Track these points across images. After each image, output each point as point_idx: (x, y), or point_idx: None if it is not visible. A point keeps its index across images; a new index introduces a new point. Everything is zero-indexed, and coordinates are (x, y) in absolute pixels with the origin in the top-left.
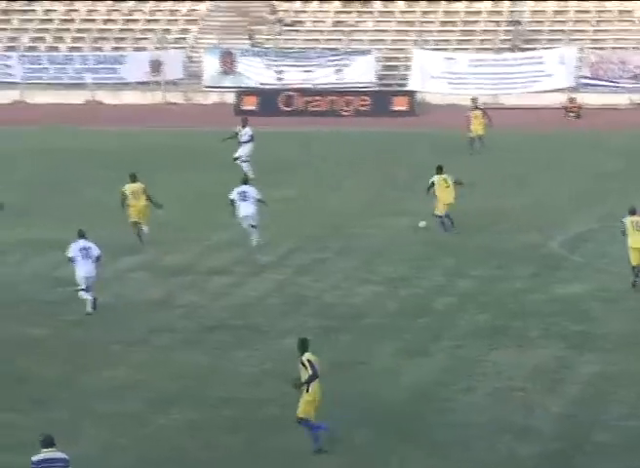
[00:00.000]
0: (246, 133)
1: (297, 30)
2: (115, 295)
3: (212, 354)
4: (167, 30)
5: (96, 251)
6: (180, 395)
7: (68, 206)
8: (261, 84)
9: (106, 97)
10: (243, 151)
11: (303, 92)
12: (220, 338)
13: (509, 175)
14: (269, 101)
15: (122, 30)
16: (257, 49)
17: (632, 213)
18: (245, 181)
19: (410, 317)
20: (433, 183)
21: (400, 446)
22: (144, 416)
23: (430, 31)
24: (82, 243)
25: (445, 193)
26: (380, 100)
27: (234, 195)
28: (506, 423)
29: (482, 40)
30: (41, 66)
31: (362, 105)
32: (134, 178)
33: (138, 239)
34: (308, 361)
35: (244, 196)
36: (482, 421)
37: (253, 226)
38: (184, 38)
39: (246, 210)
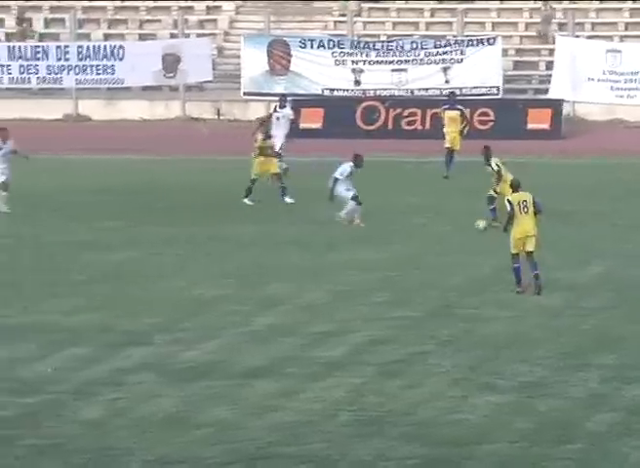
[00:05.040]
0: (285, 115)
1: (384, 9)
2: (106, 409)
3: None
4: (188, 8)
5: None
6: None
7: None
8: (330, 90)
9: (96, 111)
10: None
11: (393, 102)
12: None
13: None
14: (341, 116)
15: (119, 8)
16: (323, 38)
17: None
18: None
19: (552, 443)
20: None
21: None
22: None
23: (585, 10)
24: None
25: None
26: (509, 115)
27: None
28: None
29: None
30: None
31: (481, 122)
32: None
33: None
34: None
35: None
36: None
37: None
38: (214, 20)
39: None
